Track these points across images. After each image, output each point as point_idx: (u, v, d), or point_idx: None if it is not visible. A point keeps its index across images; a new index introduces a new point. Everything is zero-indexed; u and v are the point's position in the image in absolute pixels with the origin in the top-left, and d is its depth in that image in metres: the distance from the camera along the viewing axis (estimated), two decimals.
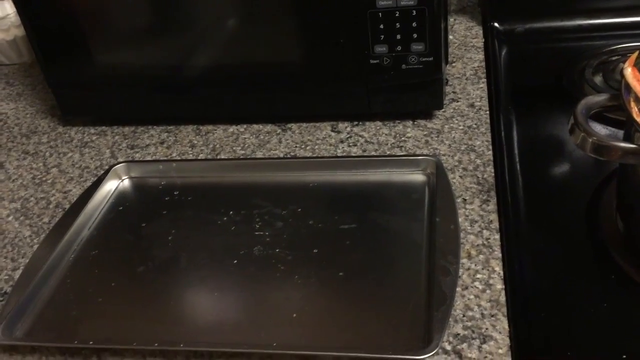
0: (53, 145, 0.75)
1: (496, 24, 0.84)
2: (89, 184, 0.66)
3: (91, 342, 0.48)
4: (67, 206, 0.64)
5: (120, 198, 0.65)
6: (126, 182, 0.67)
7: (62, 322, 0.51)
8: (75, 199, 0.64)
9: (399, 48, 0.64)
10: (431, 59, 0.64)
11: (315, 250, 0.55)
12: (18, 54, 0.95)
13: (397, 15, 0.62)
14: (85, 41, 0.70)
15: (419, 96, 0.68)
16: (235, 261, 0.55)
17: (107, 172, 0.66)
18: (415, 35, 0.63)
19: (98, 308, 0.52)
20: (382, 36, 0.64)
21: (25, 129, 0.79)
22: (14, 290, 0.53)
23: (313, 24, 0.65)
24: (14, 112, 0.84)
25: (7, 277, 0.56)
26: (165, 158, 0.69)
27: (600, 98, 0.47)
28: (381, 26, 0.63)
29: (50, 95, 0.85)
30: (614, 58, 0.73)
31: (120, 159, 0.70)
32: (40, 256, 0.57)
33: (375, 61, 0.66)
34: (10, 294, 0.53)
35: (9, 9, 0.92)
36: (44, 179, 0.69)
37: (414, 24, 0.63)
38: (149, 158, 0.70)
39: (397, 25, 0.63)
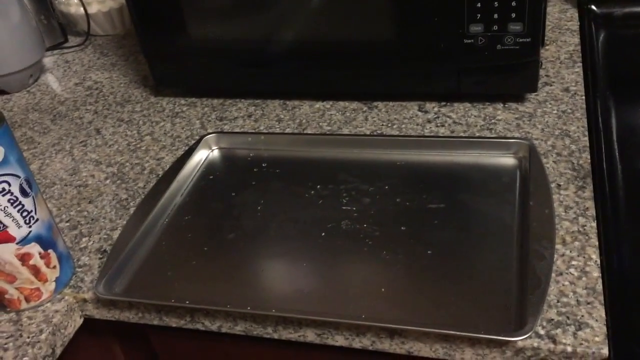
0: (146, 114, 0.78)
1: (593, 7, 0.81)
2: (180, 152, 0.69)
3: (187, 302, 0.50)
4: (161, 172, 0.66)
5: (210, 167, 0.66)
6: (216, 152, 0.69)
7: (158, 281, 0.54)
8: (168, 166, 0.66)
9: (495, 27, 0.63)
10: (529, 39, 0.63)
11: (403, 228, 0.55)
12: (112, 25, 0.99)
13: None
14: (181, 13, 0.72)
15: (513, 78, 0.66)
16: (323, 234, 0.55)
17: (198, 142, 0.68)
18: (513, 15, 0.62)
19: (192, 270, 0.54)
20: (479, 15, 0.62)
21: (120, 98, 0.82)
22: (113, 250, 0.56)
23: (407, 1, 0.64)
24: (109, 81, 0.87)
25: (106, 236, 0.59)
26: (253, 131, 0.71)
27: None
28: (478, 4, 0.62)
29: (143, 66, 0.88)
30: None
31: (210, 130, 0.72)
32: (136, 219, 0.59)
33: (469, 41, 0.64)
34: (109, 253, 0.56)
35: None
36: (138, 145, 0.72)
37: (513, 3, 0.61)
38: (237, 130, 0.71)
39: (495, 3, 0.61)
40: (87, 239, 0.59)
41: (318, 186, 0.61)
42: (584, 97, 0.67)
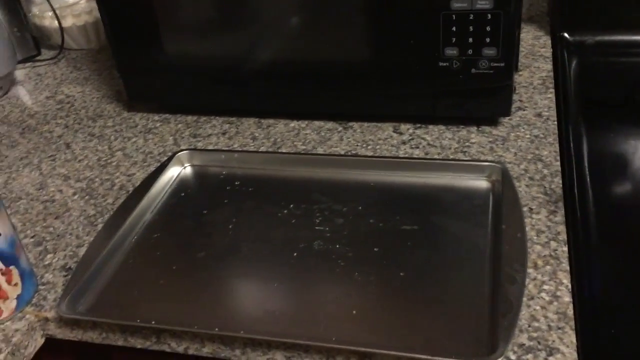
0: (118, 130, 0.76)
1: (566, 35, 0.82)
2: (152, 168, 0.67)
3: (153, 322, 0.48)
4: (131, 189, 0.65)
5: (182, 184, 0.65)
6: (188, 170, 0.68)
7: (123, 301, 0.52)
8: (138, 182, 0.65)
9: (470, 52, 0.63)
10: (502, 64, 0.63)
11: (375, 249, 0.54)
12: (86, 39, 0.98)
13: (471, 18, 0.62)
14: (157, 29, 0.71)
15: (487, 102, 0.67)
16: (295, 254, 0.55)
17: (170, 158, 0.67)
18: (488, 40, 0.62)
19: (159, 290, 0.53)
20: (454, 39, 0.63)
21: (92, 112, 0.81)
22: (78, 267, 0.54)
23: (383, 24, 0.65)
24: (81, 95, 0.86)
25: (71, 253, 0.58)
26: (227, 148, 0.70)
27: None
28: (453, 28, 0.63)
29: (116, 81, 0.87)
30: None
31: (183, 147, 0.71)
32: (104, 236, 0.58)
33: (444, 64, 0.65)
34: (74, 270, 0.54)
35: None
36: (108, 161, 0.71)
37: (488, 28, 0.62)
38: (210, 147, 0.71)
39: (470, 28, 0.62)
40: (52, 255, 0.58)
41: (291, 205, 0.60)
42: (556, 123, 0.68)
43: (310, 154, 0.68)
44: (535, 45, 0.83)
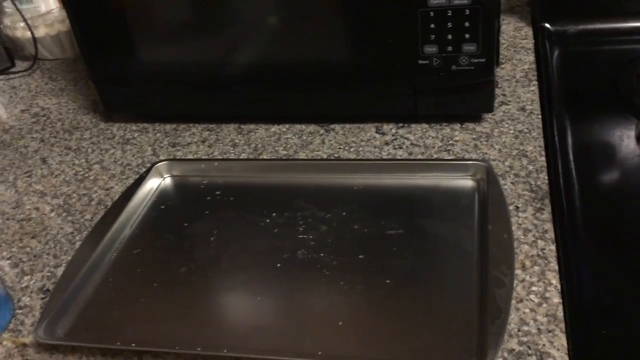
0: (95, 142, 0.75)
1: (547, 25, 0.81)
2: (130, 181, 0.66)
3: (133, 345, 0.47)
4: (109, 203, 0.63)
5: (162, 196, 0.64)
6: (168, 181, 0.66)
7: (103, 322, 0.51)
8: (117, 196, 0.64)
9: (449, 48, 0.62)
10: (483, 60, 0.62)
11: (361, 256, 0.53)
12: (61, 49, 0.95)
13: (449, 14, 0.60)
14: (130, 37, 0.69)
15: (469, 98, 0.66)
16: (279, 264, 0.53)
17: (149, 170, 0.66)
18: (467, 36, 0.61)
19: (140, 309, 0.51)
20: (433, 36, 0.62)
21: (68, 125, 0.79)
22: (56, 288, 0.53)
23: (361, 23, 0.63)
24: (57, 107, 0.84)
25: (49, 274, 0.56)
26: (207, 157, 0.69)
27: None
28: (432, 25, 0.61)
29: (92, 91, 0.85)
30: None
31: (161, 157, 0.69)
32: (82, 254, 0.56)
33: (424, 62, 0.63)
34: (52, 292, 0.53)
35: (53, 4, 0.92)
36: (86, 175, 0.69)
37: (467, 24, 0.60)
38: (190, 156, 0.69)
39: (449, 24, 0.61)
40: (29, 277, 0.56)
41: (273, 214, 0.59)
42: (540, 116, 0.67)
43: (291, 160, 0.66)
44: (516, 37, 0.82)
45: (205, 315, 0.50)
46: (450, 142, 0.65)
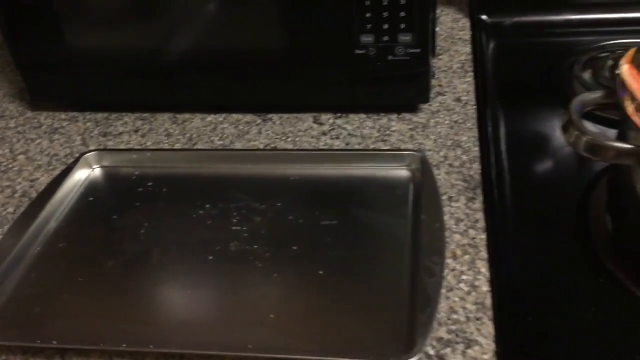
0: (21, 131, 0.71)
1: (484, 17, 0.82)
2: (57, 172, 0.63)
3: (54, 342, 0.45)
4: (34, 195, 0.60)
5: (90, 188, 0.61)
6: (97, 172, 0.64)
7: (24, 319, 0.48)
8: (42, 188, 0.61)
9: (385, 38, 0.62)
10: (418, 50, 0.62)
11: (294, 247, 0.52)
12: None
13: (384, 3, 0.60)
14: (58, 21, 0.66)
15: (405, 89, 0.66)
16: (211, 257, 0.52)
17: (77, 160, 0.63)
18: (402, 26, 0.61)
19: (63, 305, 0.49)
20: (369, 25, 0.61)
21: None
22: None
23: (297, 11, 0.62)
24: None
25: None
26: (139, 147, 0.66)
27: (595, 95, 0.45)
28: (368, 15, 0.61)
29: (19, 78, 0.81)
30: (603, 54, 0.72)
31: (91, 147, 0.67)
32: (3, 248, 0.53)
33: (360, 51, 0.63)
34: None
35: None
36: (10, 166, 0.66)
37: (402, 14, 0.60)
38: (122, 146, 0.67)
39: (385, 14, 0.60)
40: None
41: (207, 205, 0.58)
42: (475, 107, 0.67)
43: (227, 150, 0.65)
44: (454, 29, 0.83)
45: (132, 310, 0.48)
46: (387, 132, 0.65)
